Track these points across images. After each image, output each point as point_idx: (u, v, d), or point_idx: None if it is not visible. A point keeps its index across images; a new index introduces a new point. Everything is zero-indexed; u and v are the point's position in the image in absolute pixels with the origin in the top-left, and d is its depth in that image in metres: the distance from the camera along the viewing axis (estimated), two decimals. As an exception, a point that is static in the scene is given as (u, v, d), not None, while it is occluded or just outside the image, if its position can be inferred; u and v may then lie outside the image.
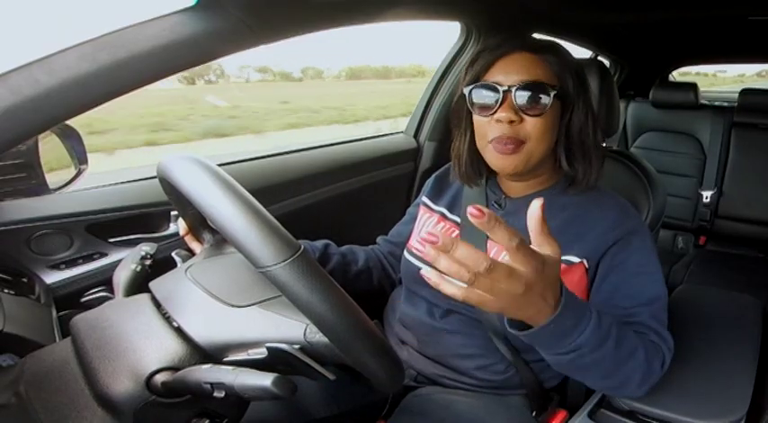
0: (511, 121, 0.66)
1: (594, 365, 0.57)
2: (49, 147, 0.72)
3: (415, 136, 1.37)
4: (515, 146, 0.67)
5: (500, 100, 0.67)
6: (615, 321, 0.58)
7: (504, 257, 0.44)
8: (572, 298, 0.51)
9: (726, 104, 2.07)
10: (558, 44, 0.72)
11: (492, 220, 0.41)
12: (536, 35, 1.26)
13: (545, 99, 0.66)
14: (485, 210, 0.40)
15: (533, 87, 0.66)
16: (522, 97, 0.66)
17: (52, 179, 0.73)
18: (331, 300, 0.44)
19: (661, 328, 0.66)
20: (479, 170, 0.77)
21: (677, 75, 2.72)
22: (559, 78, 0.68)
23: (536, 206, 0.45)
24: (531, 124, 0.67)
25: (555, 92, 0.66)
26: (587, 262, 0.69)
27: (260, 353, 0.49)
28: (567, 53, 0.71)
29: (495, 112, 0.67)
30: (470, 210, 0.40)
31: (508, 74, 0.67)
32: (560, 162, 0.72)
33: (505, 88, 0.66)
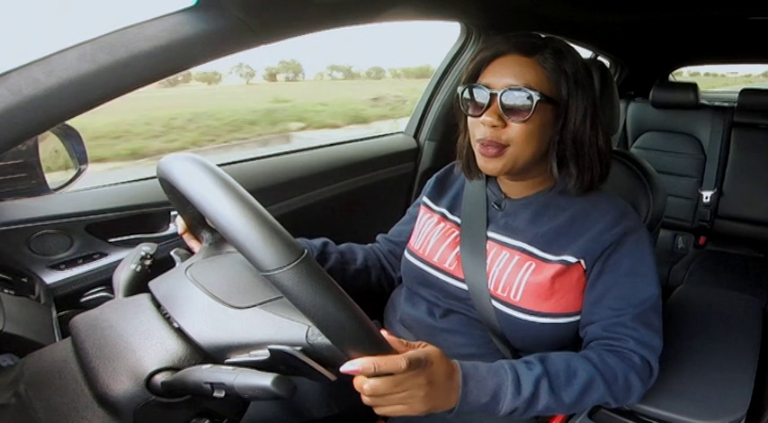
0: (494, 126, 0.67)
1: (546, 412, 0.62)
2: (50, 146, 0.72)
3: (415, 136, 1.37)
4: (497, 150, 0.68)
5: (486, 103, 0.67)
6: (546, 369, 0.62)
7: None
8: (478, 375, 0.58)
9: (726, 104, 2.07)
10: (557, 43, 0.70)
11: (372, 366, 0.47)
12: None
13: (528, 105, 0.66)
14: (356, 363, 0.47)
15: (518, 93, 0.66)
16: (506, 102, 0.66)
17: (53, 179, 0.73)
18: (334, 303, 0.44)
19: (645, 332, 0.66)
20: (477, 166, 0.77)
21: (688, 75, 2.70)
22: (552, 82, 0.68)
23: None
24: (515, 129, 0.67)
25: (539, 98, 0.65)
26: (585, 262, 0.69)
27: (262, 354, 0.49)
28: (565, 53, 0.69)
29: (482, 114, 0.68)
30: (345, 369, 0.48)
31: (499, 76, 0.68)
32: (551, 168, 0.71)
33: (493, 92, 0.67)
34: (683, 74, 2.57)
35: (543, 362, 0.63)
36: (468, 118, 0.72)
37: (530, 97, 0.65)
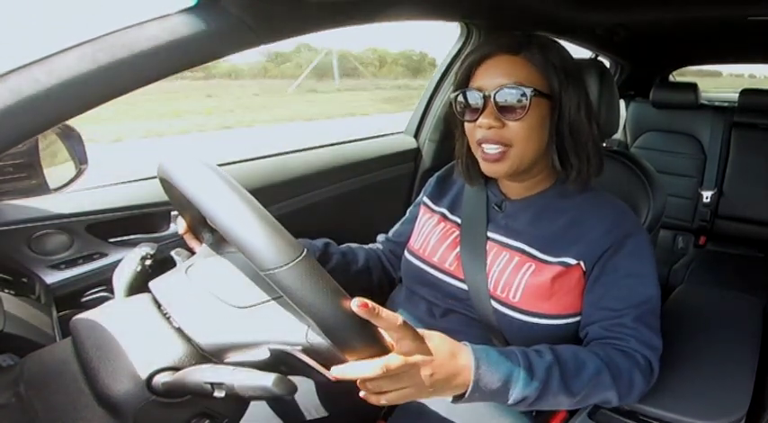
0: (492, 127, 0.67)
1: (550, 402, 0.60)
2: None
3: (416, 136, 1.37)
4: (501, 152, 0.68)
5: (481, 105, 0.68)
6: (557, 357, 0.61)
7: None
8: (489, 359, 0.57)
9: (726, 104, 2.07)
10: (542, 38, 0.71)
11: (367, 372, 0.48)
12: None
13: (523, 102, 0.66)
14: (349, 371, 0.48)
15: (511, 91, 0.66)
16: (500, 102, 0.67)
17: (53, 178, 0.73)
18: (333, 302, 0.44)
19: (646, 332, 0.66)
20: (478, 171, 0.77)
21: (748, 77, 2.64)
22: (543, 77, 0.68)
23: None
24: (514, 128, 0.67)
25: (533, 93, 0.66)
26: (584, 264, 0.69)
27: (262, 354, 0.49)
28: (551, 47, 0.70)
29: (478, 118, 0.68)
30: (338, 374, 0.48)
31: (490, 78, 0.68)
32: (553, 162, 0.72)
33: (486, 93, 0.67)
34: (744, 76, 2.55)
35: (553, 351, 0.62)
36: (465, 123, 0.72)
37: (523, 94, 0.66)
